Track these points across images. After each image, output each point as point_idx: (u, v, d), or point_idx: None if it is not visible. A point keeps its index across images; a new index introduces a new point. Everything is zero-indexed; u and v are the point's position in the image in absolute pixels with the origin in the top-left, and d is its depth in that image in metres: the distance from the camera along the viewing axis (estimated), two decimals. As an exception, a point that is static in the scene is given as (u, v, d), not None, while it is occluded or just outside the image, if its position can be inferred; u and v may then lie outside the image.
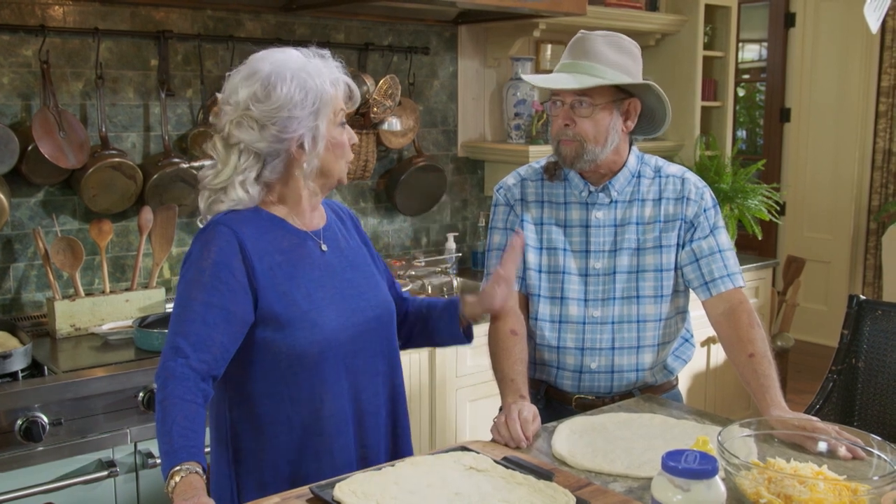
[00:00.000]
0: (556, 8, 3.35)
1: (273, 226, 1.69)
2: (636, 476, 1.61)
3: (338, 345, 1.67)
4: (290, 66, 1.64)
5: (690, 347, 2.21)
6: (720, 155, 4.21)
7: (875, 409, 2.82)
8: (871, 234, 5.60)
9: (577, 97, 1.95)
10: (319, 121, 1.64)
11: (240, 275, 1.60)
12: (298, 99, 1.62)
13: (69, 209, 2.87)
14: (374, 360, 1.75)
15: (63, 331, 2.70)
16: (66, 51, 2.80)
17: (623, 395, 2.08)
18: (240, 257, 1.61)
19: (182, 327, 1.56)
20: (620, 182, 2.05)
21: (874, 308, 2.87)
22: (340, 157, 1.71)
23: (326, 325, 1.66)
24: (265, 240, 1.65)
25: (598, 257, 2.05)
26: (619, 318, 2.04)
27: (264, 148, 1.63)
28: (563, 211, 2.08)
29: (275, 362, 1.63)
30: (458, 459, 1.59)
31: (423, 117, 3.66)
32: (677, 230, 2.04)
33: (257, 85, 1.62)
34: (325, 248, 1.74)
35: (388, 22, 3.52)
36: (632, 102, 2.00)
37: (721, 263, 2.02)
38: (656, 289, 2.04)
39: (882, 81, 5.46)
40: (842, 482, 1.43)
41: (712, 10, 4.22)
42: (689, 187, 2.05)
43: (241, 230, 1.63)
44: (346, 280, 1.75)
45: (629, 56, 1.99)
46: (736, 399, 4.08)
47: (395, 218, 3.68)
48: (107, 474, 2.32)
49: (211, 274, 1.58)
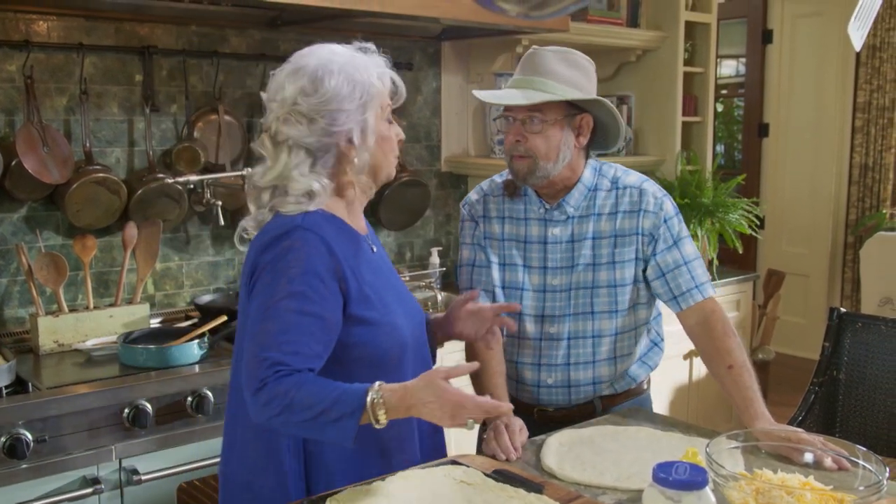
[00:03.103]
0: (538, 24, 3.38)
1: (339, 228, 1.65)
2: (625, 488, 1.62)
3: (410, 345, 1.69)
4: (336, 60, 1.62)
5: (659, 353, 2.18)
6: (701, 170, 4.25)
7: (856, 421, 2.86)
8: (849, 247, 5.67)
9: (529, 113, 1.94)
10: (368, 114, 1.63)
11: (329, 280, 1.56)
12: (346, 92, 1.60)
13: (53, 225, 2.85)
14: (427, 360, 1.80)
15: (46, 347, 2.68)
16: (50, 66, 2.80)
17: (582, 406, 2.08)
18: (328, 262, 1.57)
19: (273, 339, 1.49)
20: (575, 198, 2.03)
21: (854, 320, 2.91)
22: (389, 151, 1.70)
23: (401, 325, 1.67)
24: (340, 242, 1.62)
25: (555, 273, 2.04)
26: (574, 334, 2.04)
27: (314, 143, 1.61)
28: (524, 227, 2.08)
29: (360, 366, 1.60)
30: (448, 473, 1.60)
31: (407, 132, 3.65)
32: (635, 244, 2.02)
33: (304, 79, 1.60)
34: (375, 249, 1.75)
35: (372, 37, 3.50)
36: (584, 118, 1.98)
37: (688, 276, 2.01)
38: (611, 304, 2.03)
39: (858, 97, 5.55)
40: (828, 492, 1.44)
41: (692, 26, 4.27)
42: (646, 199, 2.02)
43: (324, 233, 1.59)
44: (396, 282, 1.78)
45: (581, 71, 1.98)
46: (718, 412, 4.10)
47: (380, 233, 3.69)
48: (91, 491, 2.30)
49: (301, 281, 1.53)
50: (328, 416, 1.45)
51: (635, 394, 2.16)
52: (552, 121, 1.94)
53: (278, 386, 1.45)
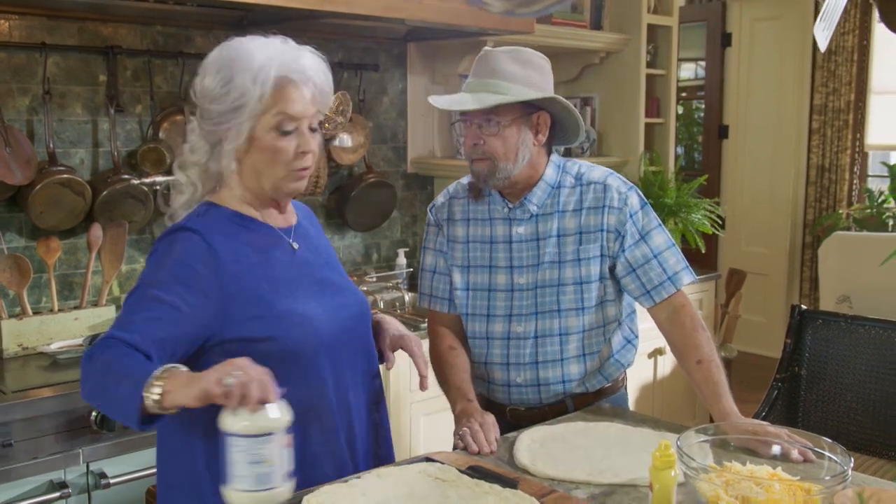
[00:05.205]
0: (504, 26, 3.41)
1: (244, 224, 1.65)
2: (598, 483, 1.64)
3: (328, 340, 1.65)
4: (224, 58, 1.60)
5: (632, 350, 2.17)
6: (664, 170, 4.31)
7: (817, 415, 2.92)
8: (807, 247, 5.78)
9: (484, 116, 1.94)
10: (242, 119, 1.57)
11: (201, 277, 1.54)
12: (218, 93, 1.58)
13: (15, 226, 2.81)
14: (357, 357, 1.74)
15: (10, 350, 2.64)
16: (11, 65, 2.76)
17: (553, 404, 2.08)
18: (205, 260, 1.56)
19: (120, 320, 1.50)
20: (538, 196, 2.03)
21: (815, 317, 2.97)
22: (274, 164, 1.61)
23: (316, 321, 1.63)
24: (240, 241, 1.62)
25: (521, 272, 2.04)
26: (542, 332, 2.04)
27: (204, 136, 1.63)
28: (489, 227, 2.08)
29: (271, 361, 1.53)
30: (423, 470, 1.61)
31: (373, 133, 3.68)
32: (600, 241, 2.01)
33: (199, 72, 1.63)
34: (297, 246, 1.71)
35: (338, 39, 3.54)
36: (540, 116, 1.98)
37: (659, 269, 2.00)
38: (577, 301, 2.03)
39: (814, 100, 5.66)
40: (796, 483, 1.48)
41: (654, 29, 4.33)
42: (610, 195, 2.01)
43: (210, 236, 1.59)
44: (323, 278, 1.73)
45: (535, 69, 1.97)
46: (683, 409, 4.16)
47: (346, 234, 3.69)
48: (59, 496, 2.28)
49: (167, 272, 1.54)
50: (118, 386, 1.41)
51: (609, 392, 2.14)
52: (508, 122, 1.94)
53: (95, 355, 1.44)
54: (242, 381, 1.31)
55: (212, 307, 1.55)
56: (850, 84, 5.47)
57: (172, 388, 1.36)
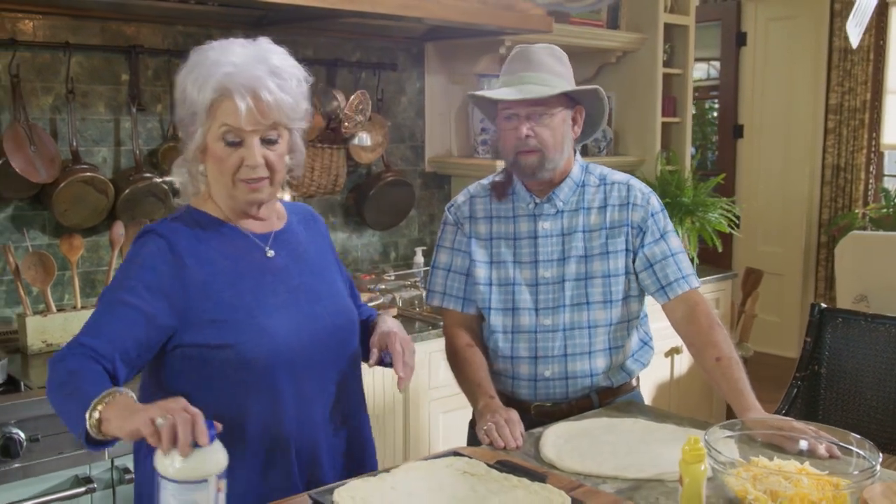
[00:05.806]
0: (522, 25, 3.42)
1: (216, 229, 1.65)
2: (625, 477, 1.65)
3: (287, 351, 1.60)
4: (190, 63, 1.60)
5: (649, 351, 2.22)
6: (680, 170, 4.31)
7: (837, 414, 2.92)
8: (823, 246, 5.76)
9: (532, 108, 1.97)
10: (197, 126, 1.59)
11: (166, 282, 1.55)
12: (179, 99, 1.61)
13: (39, 224, 2.84)
14: (328, 369, 1.69)
15: (34, 346, 2.66)
16: (36, 65, 2.79)
17: (579, 399, 2.10)
18: (168, 264, 1.57)
19: (89, 324, 1.54)
20: (565, 192, 2.08)
21: (835, 316, 2.97)
22: (220, 174, 1.60)
23: (275, 331, 1.60)
24: (209, 245, 1.62)
25: (546, 266, 2.07)
26: (570, 325, 2.06)
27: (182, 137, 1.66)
28: (512, 224, 2.11)
29: (222, 371, 1.57)
30: (451, 464, 1.62)
31: (392, 133, 3.69)
32: (625, 236, 2.06)
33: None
34: (272, 253, 1.68)
35: (356, 38, 3.56)
36: (578, 109, 2.05)
37: (675, 267, 2.05)
38: (605, 294, 2.06)
39: (830, 99, 5.64)
40: (824, 477, 1.48)
41: (670, 28, 4.33)
42: (634, 193, 2.08)
43: (176, 240, 1.60)
44: (301, 285, 1.69)
45: (566, 66, 2.05)
46: (700, 408, 4.16)
47: (364, 232, 3.71)
48: (84, 490, 2.29)
49: (133, 276, 1.56)
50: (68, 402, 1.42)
51: (628, 390, 2.19)
52: (556, 113, 1.99)
53: (59, 363, 1.47)
54: (171, 423, 1.27)
55: (173, 310, 1.56)
56: (866, 83, 5.45)
57: (110, 417, 1.35)
